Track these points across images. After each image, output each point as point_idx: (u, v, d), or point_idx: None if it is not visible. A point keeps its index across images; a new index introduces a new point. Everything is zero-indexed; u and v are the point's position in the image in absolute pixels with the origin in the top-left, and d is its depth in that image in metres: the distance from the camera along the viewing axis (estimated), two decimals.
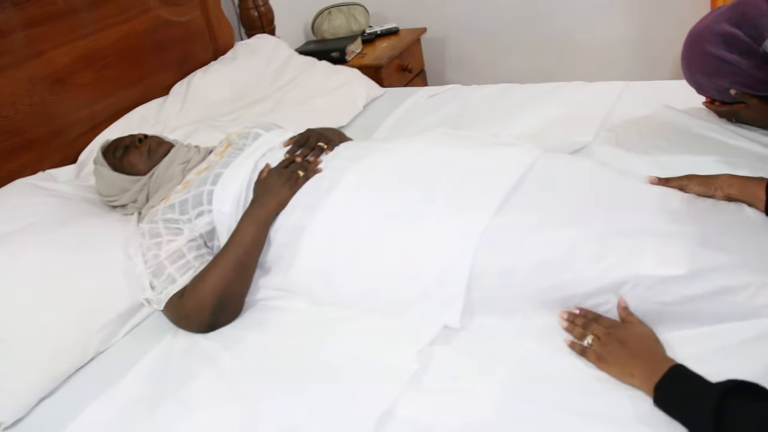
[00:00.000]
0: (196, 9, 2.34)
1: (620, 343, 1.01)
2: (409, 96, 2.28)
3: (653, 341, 1.02)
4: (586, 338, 1.04)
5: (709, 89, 1.53)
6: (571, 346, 1.06)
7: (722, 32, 1.42)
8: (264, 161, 1.47)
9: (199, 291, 1.28)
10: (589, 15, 2.92)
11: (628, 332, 1.03)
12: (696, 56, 1.48)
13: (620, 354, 1.00)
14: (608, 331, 1.04)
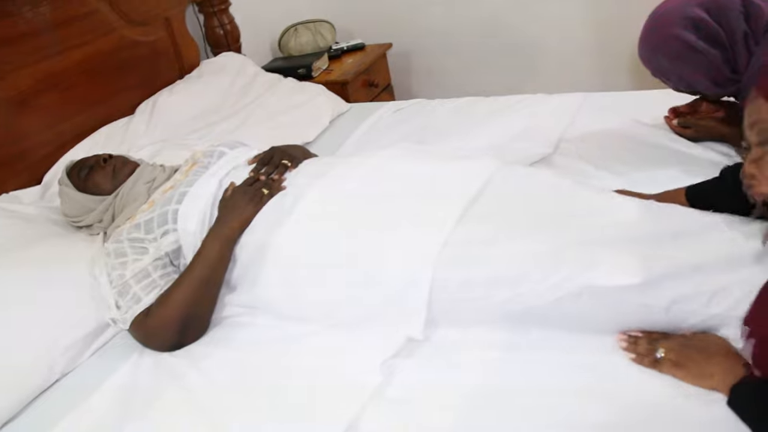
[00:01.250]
0: (161, 29, 2.35)
1: (698, 349, 1.01)
2: (374, 111, 2.31)
3: (729, 344, 1.01)
4: (658, 351, 1.02)
5: (670, 74, 1.49)
6: (638, 360, 1.03)
7: (693, 16, 1.39)
8: (229, 179, 1.49)
9: (165, 310, 1.29)
10: (552, 28, 2.99)
11: (704, 340, 1.02)
12: (662, 38, 1.45)
13: (698, 358, 0.99)
14: (682, 342, 1.03)
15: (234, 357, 1.24)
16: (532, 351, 1.09)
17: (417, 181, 1.33)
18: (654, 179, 1.49)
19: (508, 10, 3.02)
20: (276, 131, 2.10)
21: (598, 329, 1.09)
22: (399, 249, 1.20)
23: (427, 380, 1.09)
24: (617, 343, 1.07)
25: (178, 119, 2.17)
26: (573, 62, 3.02)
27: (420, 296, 1.15)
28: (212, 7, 2.58)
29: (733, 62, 1.41)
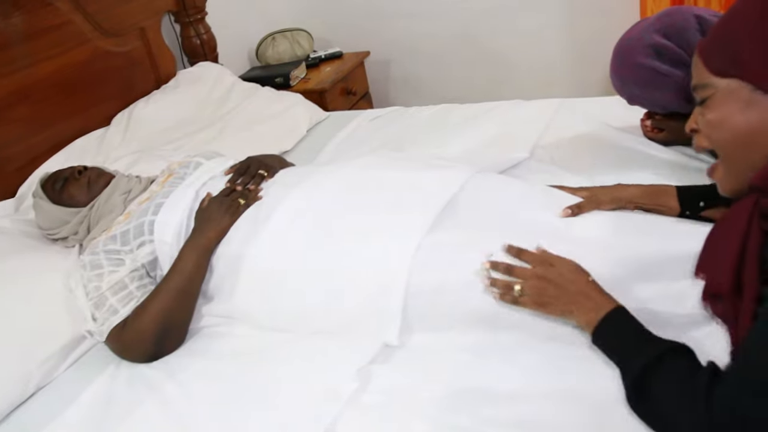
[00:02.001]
0: (137, 39, 2.35)
1: (555, 285, 1.05)
2: (352, 119, 2.32)
3: (584, 275, 1.05)
4: (515, 288, 1.07)
5: (643, 100, 1.56)
6: (502, 298, 1.09)
7: (653, 43, 1.45)
8: (205, 190, 1.49)
9: (141, 321, 1.28)
10: (525, 36, 3.03)
11: (558, 269, 1.06)
12: (628, 68, 1.50)
13: (556, 294, 1.04)
14: (537, 273, 1.07)
15: (211, 367, 1.24)
16: (504, 353, 1.10)
17: (392, 189, 1.34)
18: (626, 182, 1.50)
19: (483, 19, 3.06)
20: (253, 141, 2.10)
21: (568, 331, 1.10)
22: (374, 256, 1.21)
23: (403, 385, 1.10)
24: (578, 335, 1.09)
25: (155, 130, 2.17)
26: (547, 70, 3.06)
27: (395, 302, 1.16)
28: (188, 17, 2.58)
29: None
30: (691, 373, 0.85)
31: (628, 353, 0.94)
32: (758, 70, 0.78)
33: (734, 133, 0.83)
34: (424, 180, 1.36)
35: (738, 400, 0.76)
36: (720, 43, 0.83)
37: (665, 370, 0.88)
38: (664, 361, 0.89)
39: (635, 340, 0.95)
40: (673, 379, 0.87)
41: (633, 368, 0.91)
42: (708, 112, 0.85)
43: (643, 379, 0.90)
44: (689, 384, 0.83)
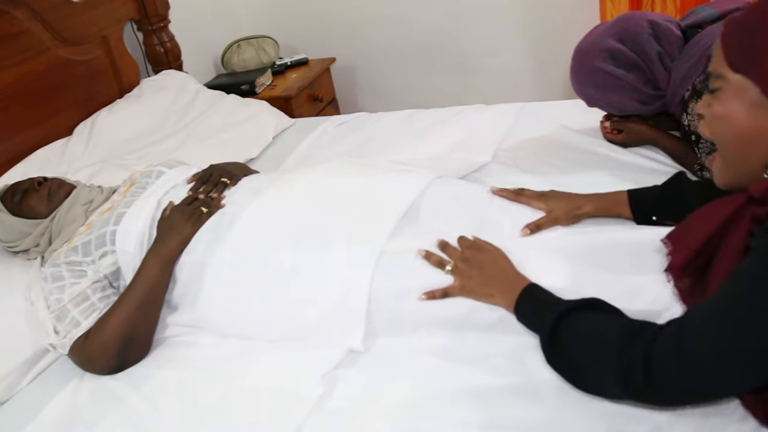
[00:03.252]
0: (98, 47, 2.32)
1: (478, 267, 1.10)
2: (317, 125, 2.32)
3: (506, 261, 1.12)
4: (446, 266, 1.13)
5: (600, 102, 1.61)
6: (430, 295, 1.13)
7: (608, 48, 1.50)
8: (167, 199, 1.48)
9: (104, 332, 1.27)
10: (491, 41, 3.06)
11: (483, 256, 1.12)
12: (586, 72, 1.56)
13: (480, 277, 1.09)
14: (464, 256, 1.13)
15: (176, 377, 1.23)
16: (468, 355, 1.12)
17: (354, 195, 1.35)
18: (585, 183, 1.53)
19: (448, 25, 3.09)
20: (218, 149, 2.09)
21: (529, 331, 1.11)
22: (337, 262, 1.22)
23: (368, 389, 1.10)
24: None
25: (118, 139, 2.15)
26: (510, 75, 3.10)
27: (359, 308, 1.17)
28: (151, 25, 2.56)
29: (654, 81, 1.52)
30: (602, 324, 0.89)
31: (542, 317, 0.97)
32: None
33: (736, 131, 0.82)
34: (386, 186, 1.37)
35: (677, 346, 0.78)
36: (740, 36, 0.80)
37: (574, 319, 0.92)
38: (572, 312, 0.93)
39: (548, 305, 0.99)
40: (583, 328, 0.91)
41: (545, 326, 0.94)
42: (715, 103, 0.83)
43: (553, 332, 0.93)
44: (601, 334, 0.87)
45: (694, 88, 1.42)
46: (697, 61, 1.44)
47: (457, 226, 1.26)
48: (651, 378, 0.80)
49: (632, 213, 1.27)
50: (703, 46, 1.44)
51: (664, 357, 0.80)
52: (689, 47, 1.48)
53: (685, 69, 1.46)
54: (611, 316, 0.93)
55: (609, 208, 1.30)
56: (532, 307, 1.02)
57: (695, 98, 1.41)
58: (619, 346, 0.84)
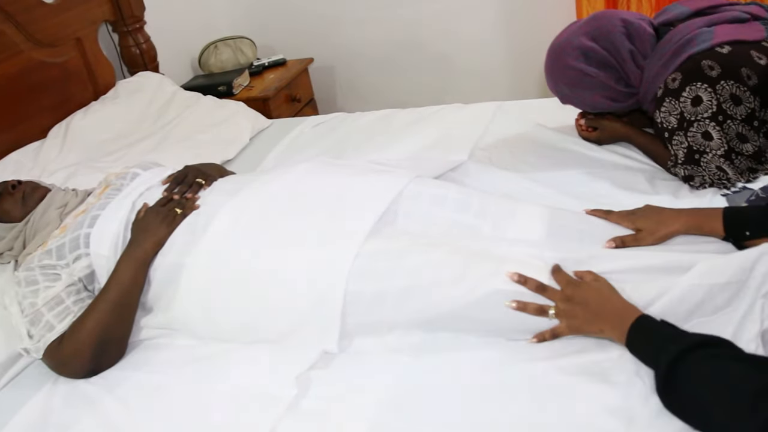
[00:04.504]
0: (73, 49, 2.30)
1: (582, 305, 1.05)
2: (295, 126, 2.32)
3: (610, 291, 1.06)
4: (549, 313, 1.07)
5: (573, 100, 1.62)
6: (539, 337, 1.09)
7: (581, 46, 1.51)
8: (142, 201, 1.47)
9: (78, 336, 1.26)
10: (466, 42, 3.08)
11: (585, 292, 1.06)
12: (559, 69, 1.57)
13: (586, 316, 1.04)
14: (566, 295, 1.07)
15: (151, 380, 1.23)
16: (442, 354, 1.12)
17: (330, 196, 1.35)
18: (561, 181, 1.58)
19: (425, 25, 3.10)
20: (195, 150, 2.08)
21: (505, 331, 1.13)
22: (312, 264, 1.22)
23: (342, 390, 1.10)
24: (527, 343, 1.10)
25: (93, 141, 2.13)
26: (487, 74, 3.12)
27: (334, 310, 1.17)
28: (126, 27, 2.54)
29: (626, 78, 1.53)
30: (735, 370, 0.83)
31: (657, 357, 0.92)
32: None
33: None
34: (363, 186, 1.37)
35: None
36: None
37: (694, 362, 0.87)
38: (692, 353, 0.88)
39: (663, 341, 0.93)
40: (703, 373, 0.85)
41: (660, 368, 0.90)
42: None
43: (669, 376, 0.88)
44: (723, 381, 0.81)
45: (667, 86, 1.44)
46: (669, 59, 1.46)
47: (434, 227, 1.26)
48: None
49: (724, 227, 1.17)
50: (675, 44, 1.46)
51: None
52: (661, 45, 1.49)
53: (658, 67, 1.48)
54: (738, 357, 0.87)
55: (699, 225, 1.20)
56: (644, 344, 0.96)
57: (668, 96, 1.43)
58: (758, 398, 0.77)
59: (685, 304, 1.04)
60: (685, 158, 1.43)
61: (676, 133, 1.43)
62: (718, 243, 1.18)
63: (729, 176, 1.40)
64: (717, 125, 1.37)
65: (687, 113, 1.40)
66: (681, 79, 1.40)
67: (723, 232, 1.17)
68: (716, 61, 1.37)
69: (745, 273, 1.03)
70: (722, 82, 1.36)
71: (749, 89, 1.35)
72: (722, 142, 1.38)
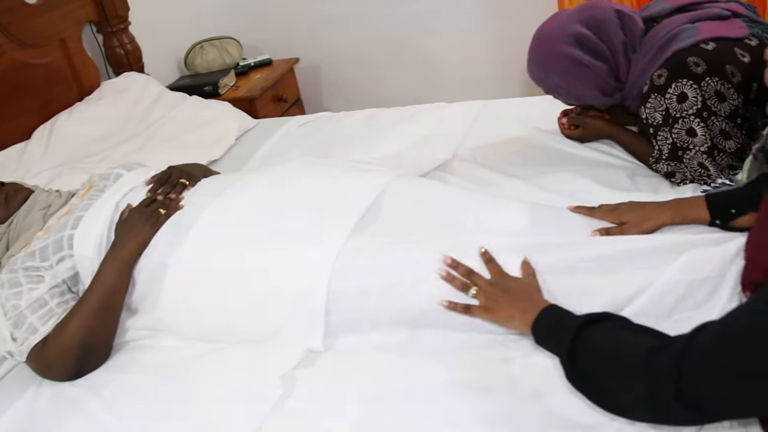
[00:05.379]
0: (57, 50, 2.29)
1: (503, 290, 1.08)
2: (280, 126, 2.32)
3: (534, 288, 1.08)
4: (471, 290, 1.10)
5: (561, 90, 1.56)
6: (451, 306, 1.11)
7: (575, 32, 1.47)
8: (126, 201, 1.46)
9: (62, 338, 1.26)
10: (451, 41, 3.09)
11: (511, 281, 1.10)
12: (551, 57, 1.51)
13: (503, 300, 1.07)
14: (491, 281, 1.10)
15: (136, 381, 1.23)
16: (426, 351, 1.13)
17: (313, 196, 1.35)
18: (544, 178, 1.59)
19: (410, 25, 3.11)
20: (181, 150, 2.08)
21: (486, 328, 1.13)
22: (295, 263, 1.22)
23: (327, 388, 1.11)
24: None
25: (78, 142, 2.13)
26: (472, 72, 3.13)
27: (317, 308, 1.17)
28: (110, 27, 2.53)
29: (616, 71, 1.51)
30: (624, 338, 0.86)
31: (559, 338, 0.94)
32: None
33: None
34: (346, 186, 1.37)
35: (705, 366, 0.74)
36: None
37: (592, 334, 0.89)
38: (589, 327, 0.90)
39: (564, 324, 0.95)
40: (603, 343, 0.87)
41: (563, 345, 0.91)
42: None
43: (571, 351, 0.89)
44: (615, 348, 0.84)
45: (653, 82, 1.44)
46: (655, 55, 1.45)
47: (418, 223, 1.27)
48: (682, 393, 0.75)
49: (710, 211, 1.18)
50: (660, 40, 1.46)
51: (699, 369, 0.74)
52: (647, 40, 1.48)
53: (644, 63, 1.47)
54: (628, 327, 0.89)
55: (684, 215, 1.21)
56: (548, 328, 0.98)
57: (654, 92, 1.43)
58: (645, 359, 0.79)
59: (666, 299, 1.05)
60: (668, 154, 1.44)
61: (661, 129, 1.44)
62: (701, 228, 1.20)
63: (710, 173, 1.41)
64: (701, 122, 1.38)
65: (672, 110, 1.40)
66: (667, 76, 1.40)
67: (708, 218, 1.19)
68: (701, 58, 1.38)
69: (724, 267, 1.04)
70: (707, 78, 1.36)
71: (733, 86, 1.36)
72: (706, 139, 1.39)
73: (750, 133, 1.43)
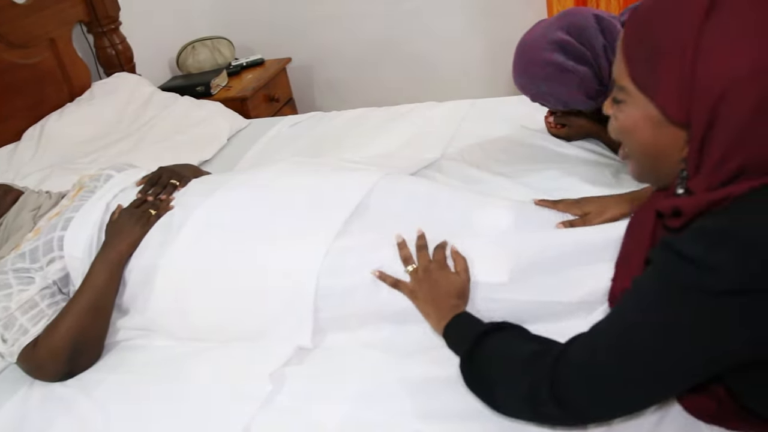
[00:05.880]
0: (46, 50, 2.29)
1: (432, 282, 1.12)
2: (272, 126, 2.33)
3: (457, 291, 1.11)
4: (409, 266, 1.15)
5: (548, 96, 1.57)
6: (381, 276, 1.16)
7: (557, 39, 1.49)
8: (116, 202, 1.47)
9: (52, 339, 1.26)
10: (441, 41, 3.10)
11: (443, 276, 1.12)
12: (536, 65, 1.52)
13: (427, 295, 1.11)
14: (428, 267, 1.14)
15: (127, 381, 1.23)
16: (414, 346, 1.14)
17: (302, 196, 1.36)
18: (531, 177, 1.60)
19: (401, 24, 3.12)
20: (172, 151, 2.08)
21: None
22: (284, 262, 1.23)
23: (316, 385, 1.12)
24: None
25: (69, 143, 2.13)
26: (463, 71, 3.14)
27: (306, 306, 1.18)
28: (101, 27, 2.53)
29: (600, 74, 1.52)
30: (515, 346, 0.90)
31: (461, 344, 0.99)
32: (668, 103, 0.71)
33: (641, 144, 0.79)
34: (335, 185, 1.38)
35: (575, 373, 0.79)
36: (643, 51, 0.74)
37: (488, 342, 0.94)
38: (486, 335, 0.94)
39: (466, 333, 1.00)
40: (494, 350, 0.92)
41: (464, 351, 0.96)
42: (620, 114, 0.80)
43: (469, 356, 0.95)
44: (510, 354, 0.89)
45: None
46: None
47: (405, 222, 1.28)
48: (557, 396, 0.81)
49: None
50: None
51: (569, 375, 0.80)
52: None
53: None
54: (521, 336, 0.94)
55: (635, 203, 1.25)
56: (454, 336, 1.03)
57: None
58: (526, 364, 0.85)
59: None
60: None
61: None
62: None
63: None
64: None
65: None
66: None
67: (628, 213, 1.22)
68: None
69: None
70: None
71: None
72: None
73: None
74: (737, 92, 0.65)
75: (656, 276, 0.73)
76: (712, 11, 0.66)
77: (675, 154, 0.74)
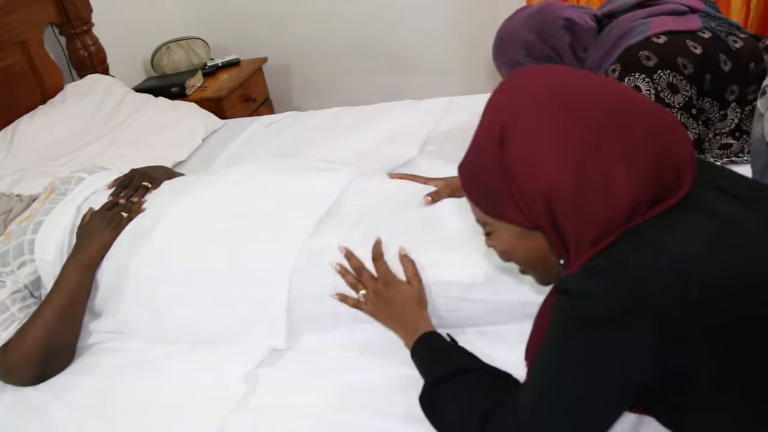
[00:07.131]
0: (17, 52, 2.26)
1: (387, 303, 1.13)
2: (247, 126, 2.32)
3: (412, 302, 1.12)
4: (360, 291, 1.16)
5: None
6: (342, 299, 1.17)
7: (523, 39, 1.52)
8: (87, 205, 1.45)
9: (23, 343, 1.24)
10: (418, 37, 3.09)
11: (395, 292, 1.13)
12: (502, 60, 1.57)
13: (386, 317, 1.13)
14: (377, 289, 1.14)
15: (99, 384, 1.22)
16: (387, 347, 1.14)
17: (275, 195, 1.36)
18: None
19: (377, 21, 3.11)
20: (146, 152, 2.07)
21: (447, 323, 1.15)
22: (257, 263, 1.22)
23: (290, 386, 1.12)
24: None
25: (41, 146, 2.09)
26: (440, 69, 3.13)
27: (279, 307, 1.18)
28: (73, 29, 2.50)
29: None
30: (477, 393, 0.92)
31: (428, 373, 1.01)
32: (516, 218, 0.81)
33: (524, 256, 0.87)
34: (308, 185, 1.38)
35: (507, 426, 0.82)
36: (479, 192, 0.85)
37: (455, 385, 0.95)
38: (457, 376, 0.96)
39: (435, 361, 1.02)
40: (458, 395, 0.93)
41: (432, 376, 0.98)
42: (495, 243, 0.88)
43: (434, 387, 0.96)
44: (470, 404, 0.90)
45: (606, 76, 1.46)
46: (609, 51, 1.48)
47: (378, 222, 1.28)
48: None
49: None
50: (614, 36, 1.49)
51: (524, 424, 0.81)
52: (602, 37, 1.52)
53: (597, 58, 1.50)
54: (477, 386, 0.95)
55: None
56: (421, 359, 1.05)
57: None
58: (481, 416, 0.86)
59: None
60: None
61: None
62: None
63: None
64: None
65: None
66: (620, 71, 1.43)
67: None
68: (653, 51, 1.40)
69: None
70: (659, 71, 1.39)
71: (685, 78, 1.39)
72: None
73: (707, 124, 1.46)
74: (557, 189, 0.75)
75: (555, 318, 0.79)
76: (505, 144, 0.78)
77: (550, 252, 0.83)
